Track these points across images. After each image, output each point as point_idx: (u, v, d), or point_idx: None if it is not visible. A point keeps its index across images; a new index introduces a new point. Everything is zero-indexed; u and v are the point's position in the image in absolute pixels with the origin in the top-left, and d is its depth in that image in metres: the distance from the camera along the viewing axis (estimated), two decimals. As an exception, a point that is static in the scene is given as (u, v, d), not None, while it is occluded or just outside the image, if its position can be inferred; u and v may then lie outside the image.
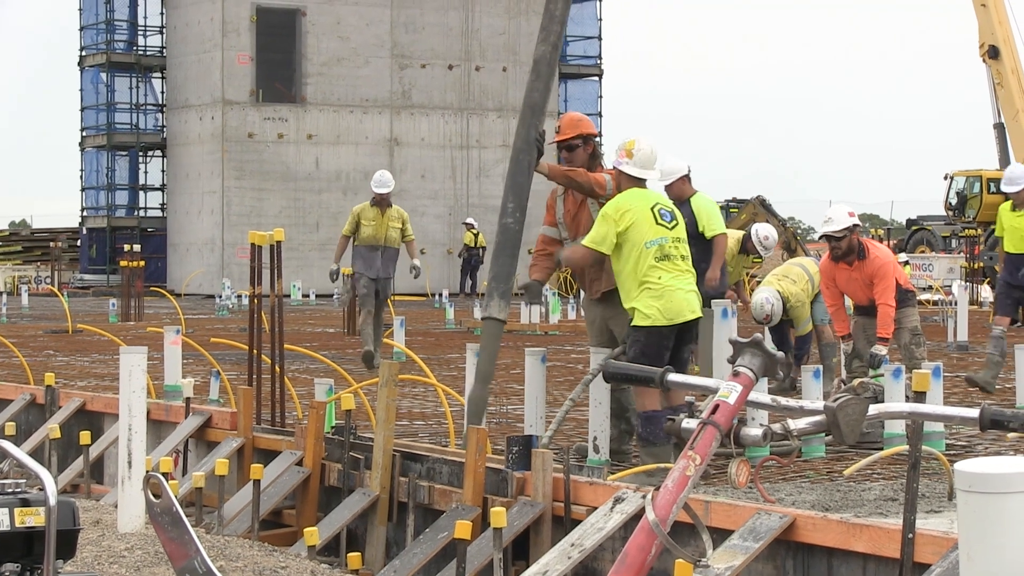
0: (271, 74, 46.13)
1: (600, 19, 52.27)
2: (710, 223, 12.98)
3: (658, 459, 9.42)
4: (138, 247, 34.37)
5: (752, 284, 24.59)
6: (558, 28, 10.85)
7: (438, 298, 36.08)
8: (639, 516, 4.51)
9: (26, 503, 4.88)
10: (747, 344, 3.79)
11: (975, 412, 3.66)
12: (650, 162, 9.73)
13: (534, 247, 10.55)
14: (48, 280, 49.82)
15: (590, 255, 9.67)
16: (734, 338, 3.84)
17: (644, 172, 9.73)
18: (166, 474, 11.00)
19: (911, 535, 7.16)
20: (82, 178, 51.16)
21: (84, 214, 51.72)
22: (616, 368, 4.14)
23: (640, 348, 9.47)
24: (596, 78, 52.41)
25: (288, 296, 38.36)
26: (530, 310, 27.46)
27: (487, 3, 47.72)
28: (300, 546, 9.90)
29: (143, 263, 33.13)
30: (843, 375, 12.96)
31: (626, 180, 9.74)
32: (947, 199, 44.88)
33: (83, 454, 12.59)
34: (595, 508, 8.80)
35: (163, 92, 49.35)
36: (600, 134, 48.70)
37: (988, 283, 33.56)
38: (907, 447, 7.82)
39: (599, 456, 9.60)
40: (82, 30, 50.39)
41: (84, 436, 12.50)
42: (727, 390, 3.72)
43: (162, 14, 48.86)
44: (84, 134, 50.79)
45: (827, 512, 7.93)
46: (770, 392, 11.51)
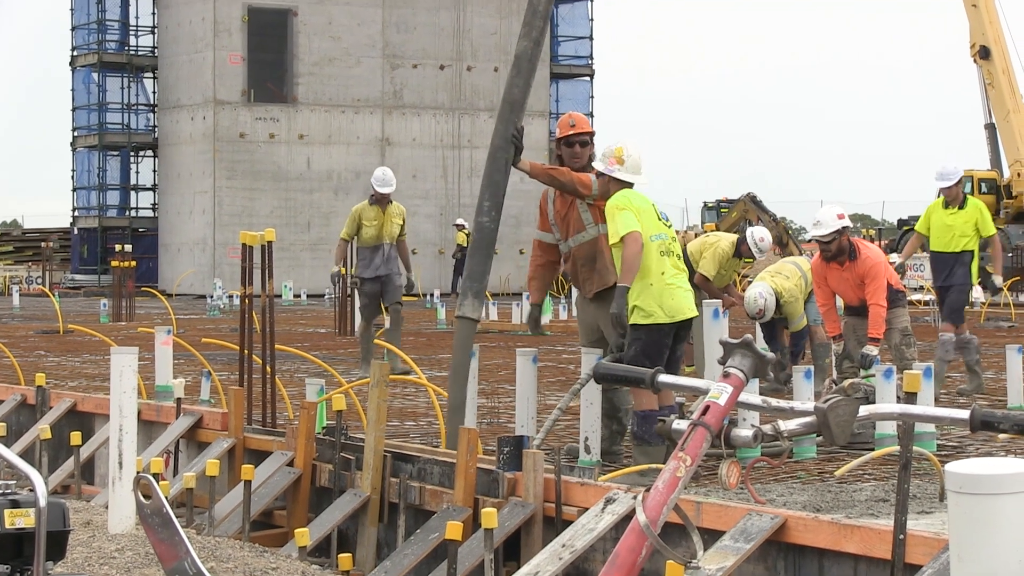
0: (263, 74, 46.14)
1: (592, 19, 52.34)
2: None
3: (651, 458, 9.42)
4: (129, 247, 34.36)
5: (744, 284, 24.62)
6: (540, 24, 10.70)
7: (429, 298, 36.09)
8: (630, 517, 4.50)
9: (16, 504, 4.86)
10: (737, 345, 3.79)
11: (966, 413, 3.65)
12: (639, 166, 9.78)
13: (523, 249, 10.53)
14: (39, 280, 49.79)
15: (638, 242, 9.45)
16: (724, 339, 3.83)
17: (635, 176, 9.77)
18: (157, 475, 10.99)
19: (902, 536, 7.16)
20: (73, 178, 51.12)
21: (75, 214, 51.67)
22: (607, 369, 4.13)
23: (641, 347, 9.47)
24: (587, 78, 52.47)
25: (279, 296, 38.33)
26: (521, 309, 27.50)
27: (478, 3, 47.75)
28: (291, 547, 9.89)
29: (134, 263, 33.11)
30: (834, 376, 12.97)
31: (616, 185, 9.75)
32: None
33: (74, 455, 12.55)
34: (586, 509, 8.80)
35: (155, 92, 49.32)
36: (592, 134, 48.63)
37: (979, 284, 33.54)
38: (898, 448, 7.82)
39: (590, 457, 9.59)
40: (74, 30, 50.37)
41: (75, 437, 12.46)
42: (717, 391, 3.71)
43: (154, 14, 48.83)
44: (75, 134, 50.75)
45: (818, 513, 7.93)
46: (762, 391, 11.54)
